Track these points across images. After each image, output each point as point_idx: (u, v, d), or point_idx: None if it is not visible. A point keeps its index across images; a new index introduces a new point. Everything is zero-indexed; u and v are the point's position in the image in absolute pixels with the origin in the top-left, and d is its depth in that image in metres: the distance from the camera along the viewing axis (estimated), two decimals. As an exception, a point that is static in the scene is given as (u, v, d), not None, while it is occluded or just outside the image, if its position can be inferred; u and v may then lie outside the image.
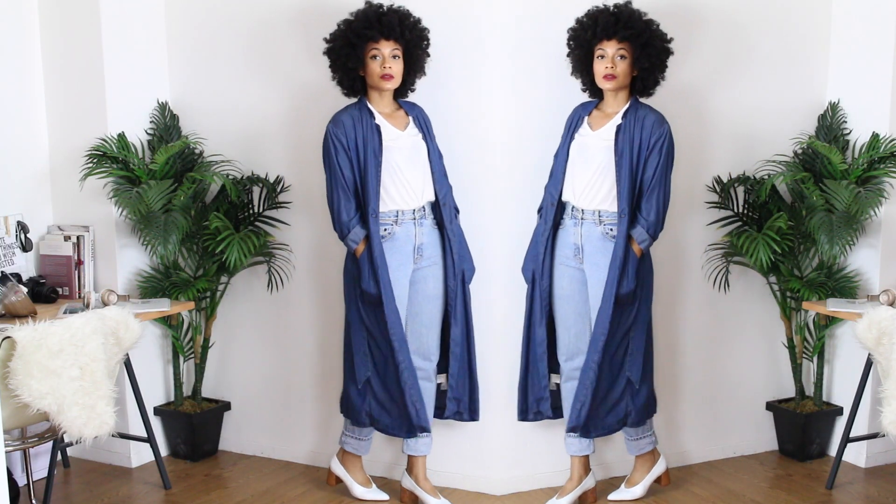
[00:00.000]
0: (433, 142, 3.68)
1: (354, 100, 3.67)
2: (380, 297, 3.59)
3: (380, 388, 3.71)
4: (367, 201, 3.57)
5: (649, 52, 3.52)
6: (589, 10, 3.59)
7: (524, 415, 3.78)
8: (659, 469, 3.87)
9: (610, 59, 3.52)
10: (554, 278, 3.68)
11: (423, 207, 3.65)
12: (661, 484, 3.91)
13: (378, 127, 3.59)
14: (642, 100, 3.64)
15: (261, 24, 4.14)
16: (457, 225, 3.71)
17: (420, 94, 3.79)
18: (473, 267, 3.76)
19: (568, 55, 3.66)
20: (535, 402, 3.74)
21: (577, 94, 3.76)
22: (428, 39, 3.64)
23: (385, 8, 3.58)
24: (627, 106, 3.60)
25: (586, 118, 3.65)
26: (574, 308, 3.66)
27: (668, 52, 3.59)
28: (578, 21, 3.60)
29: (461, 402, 3.76)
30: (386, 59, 3.55)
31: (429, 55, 3.67)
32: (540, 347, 3.70)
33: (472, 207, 3.83)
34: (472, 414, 3.79)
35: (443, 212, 3.66)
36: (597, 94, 3.67)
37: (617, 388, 3.68)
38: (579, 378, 3.62)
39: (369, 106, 3.63)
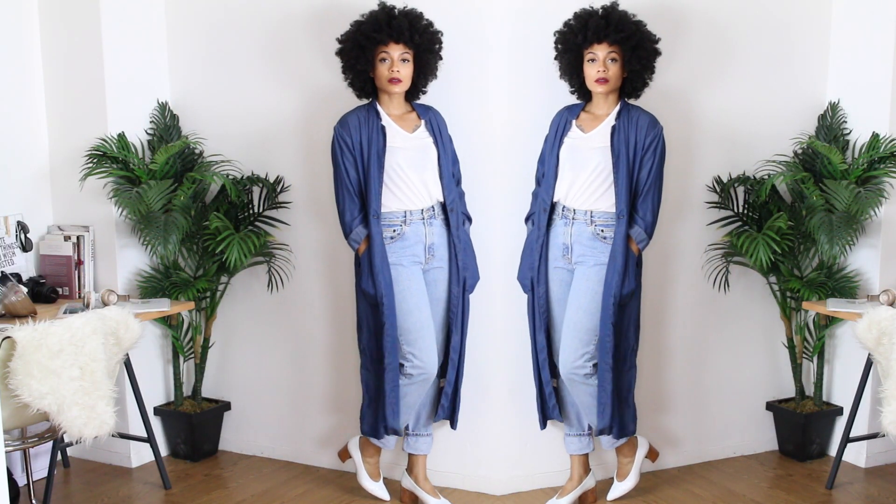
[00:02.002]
0: (445, 145, 3.66)
1: (367, 101, 3.67)
2: (376, 298, 3.59)
3: (366, 388, 3.72)
4: (369, 202, 3.57)
5: (640, 53, 3.51)
6: (576, 13, 3.57)
7: (542, 423, 3.79)
8: (643, 450, 3.86)
9: (601, 62, 3.51)
10: (549, 283, 3.69)
11: (433, 207, 3.64)
12: (652, 460, 3.91)
13: (383, 128, 3.59)
14: (632, 101, 3.65)
15: (262, 24, 4.14)
16: (464, 231, 3.69)
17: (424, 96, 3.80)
18: (477, 276, 3.74)
19: (555, 58, 3.65)
20: (547, 408, 3.74)
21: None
22: (440, 42, 3.62)
23: (396, 11, 3.56)
24: (619, 107, 3.60)
25: (574, 121, 3.64)
26: (565, 311, 3.67)
27: (657, 53, 3.59)
28: (566, 24, 3.58)
29: (454, 408, 3.76)
30: (395, 62, 3.53)
31: (441, 58, 3.65)
32: (541, 354, 3.69)
33: (473, 210, 3.83)
34: (455, 422, 3.80)
35: (450, 217, 3.65)
36: (586, 96, 3.67)
37: (631, 389, 3.70)
38: (598, 382, 3.62)
39: (377, 107, 3.63)
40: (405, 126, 3.64)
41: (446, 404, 3.74)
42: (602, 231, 3.58)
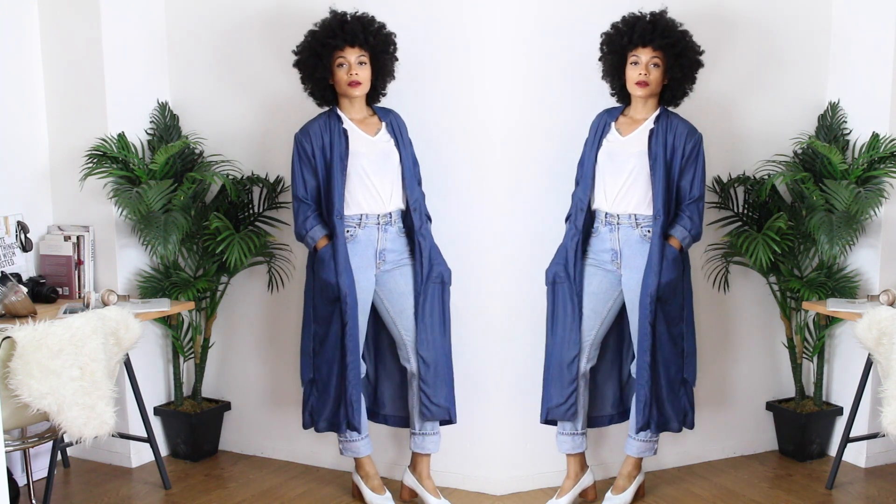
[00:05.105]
0: (406, 148, 3.68)
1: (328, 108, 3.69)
2: (338, 293, 3.59)
3: (323, 386, 3.71)
4: (332, 204, 3.59)
5: (682, 62, 3.56)
6: (624, 17, 3.60)
7: (543, 417, 3.76)
8: (640, 479, 3.86)
9: (644, 65, 3.54)
10: (584, 281, 3.68)
11: (390, 214, 3.66)
12: (639, 494, 3.87)
13: (345, 131, 3.62)
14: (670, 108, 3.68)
15: (262, 24, 4.14)
16: (427, 230, 3.70)
17: (416, 91, 3.80)
18: (448, 269, 3.74)
19: (600, 59, 3.68)
20: (549, 408, 3.71)
21: (579, 92, 3.79)
22: (395, 44, 3.66)
23: (348, 16, 3.60)
24: (658, 112, 3.63)
25: (613, 124, 3.66)
26: (594, 307, 3.67)
27: (700, 65, 3.62)
28: (614, 26, 3.62)
29: (447, 406, 3.72)
30: (352, 66, 3.57)
31: (397, 59, 3.68)
32: (570, 352, 3.65)
33: (471, 210, 3.83)
34: (453, 415, 3.76)
35: (413, 217, 3.66)
36: (624, 99, 3.69)
37: (675, 388, 3.70)
38: (636, 379, 3.65)
39: (339, 112, 3.66)
40: (367, 130, 3.67)
41: (436, 404, 3.70)
42: (649, 232, 3.61)
